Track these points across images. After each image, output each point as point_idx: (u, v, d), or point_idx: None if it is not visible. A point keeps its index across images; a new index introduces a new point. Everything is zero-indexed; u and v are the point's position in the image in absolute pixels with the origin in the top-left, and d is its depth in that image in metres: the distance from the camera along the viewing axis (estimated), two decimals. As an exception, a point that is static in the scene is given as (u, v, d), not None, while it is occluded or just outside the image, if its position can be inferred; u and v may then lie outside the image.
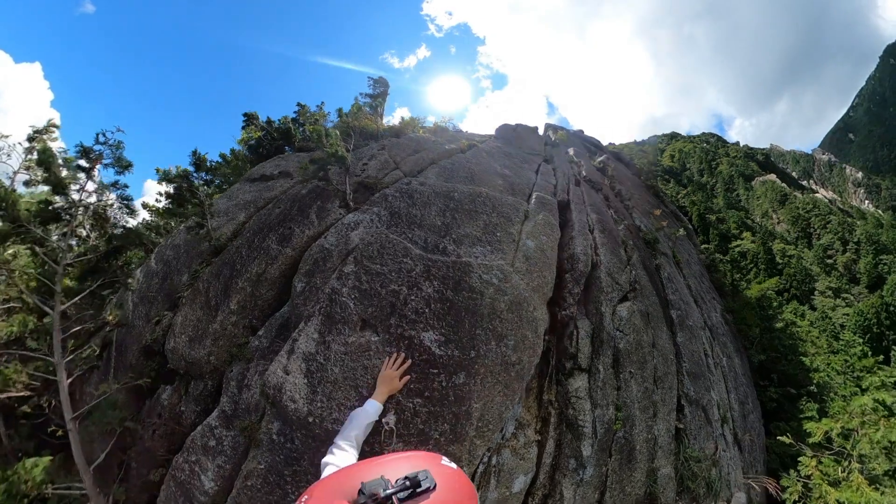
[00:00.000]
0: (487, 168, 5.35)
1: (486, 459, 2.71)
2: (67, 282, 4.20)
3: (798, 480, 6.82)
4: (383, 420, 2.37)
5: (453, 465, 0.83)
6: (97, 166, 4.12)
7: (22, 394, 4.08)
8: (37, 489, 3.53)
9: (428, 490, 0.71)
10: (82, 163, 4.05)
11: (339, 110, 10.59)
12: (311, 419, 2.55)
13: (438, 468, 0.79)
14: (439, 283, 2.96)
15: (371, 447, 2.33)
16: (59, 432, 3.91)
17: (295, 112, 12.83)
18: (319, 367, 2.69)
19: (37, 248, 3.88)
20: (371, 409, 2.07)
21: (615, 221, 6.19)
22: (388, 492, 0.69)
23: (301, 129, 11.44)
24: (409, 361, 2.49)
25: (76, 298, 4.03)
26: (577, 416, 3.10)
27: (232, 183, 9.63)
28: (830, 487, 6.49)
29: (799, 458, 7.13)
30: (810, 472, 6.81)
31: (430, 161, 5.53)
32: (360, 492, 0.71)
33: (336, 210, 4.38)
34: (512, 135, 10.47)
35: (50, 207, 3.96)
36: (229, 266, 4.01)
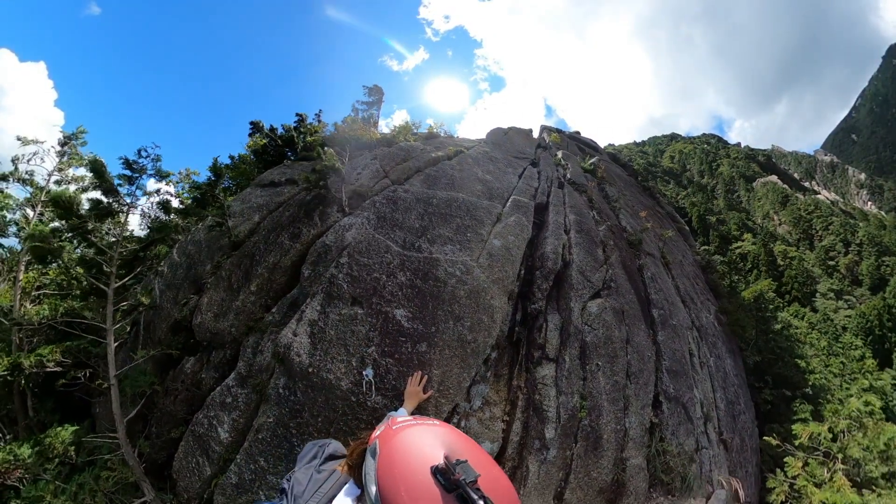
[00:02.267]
0: (469, 174, 5.67)
1: (455, 421, 3.14)
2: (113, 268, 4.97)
3: (784, 481, 6.85)
4: (364, 372, 2.96)
5: None
6: (141, 175, 4.94)
7: (55, 370, 4.76)
8: (63, 450, 4.21)
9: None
10: (127, 172, 4.88)
11: (336, 124, 11.42)
12: (311, 369, 3.14)
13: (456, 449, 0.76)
14: (411, 273, 3.62)
15: (357, 397, 2.95)
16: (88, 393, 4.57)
17: (295, 121, 13.50)
18: (320, 330, 3.38)
19: (93, 238, 4.70)
20: (401, 414, 2.39)
21: (597, 223, 6.39)
22: (470, 490, 0.65)
23: (302, 137, 12.15)
24: (427, 377, 2.84)
25: (126, 279, 4.85)
26: (542, 401, 3.36)
27: (241, 185, 10.34)
28: (815, 488, 6.52)
29: (785, 459, 7.17)
30: (797, 473, 6.84)
31: (416, 169, 5.92)
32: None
33: (334, 214, 5.11)
34: (503, 138, 10.71)
35: (101, 206, 4.77)
36: (249, 257, 4.78)
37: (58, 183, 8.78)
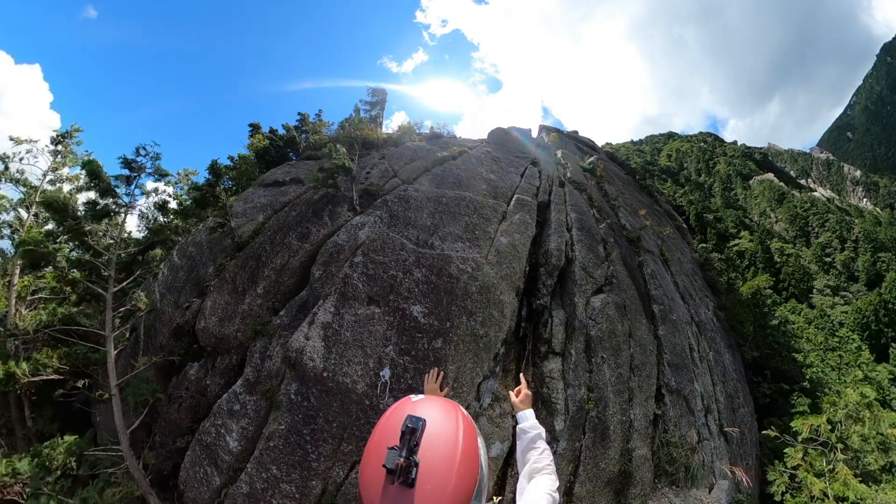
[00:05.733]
0: (474, 174, 5.80)
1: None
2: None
3: (784, 472, 6.93)
4: (381, 373, 2.97)
5: (422, 397, 0.81)
6: (140, 175, 4.71)
7: (53, 377, 4.50)
8: (64, 462, 3.99)
9: (422, 429, 0.69)
10: (126, 172, 4.67)
11: (343, 122, 11.41)
12: (325, 374, 3.14)
13: (415, 405, 0.76)
14: (427, 270, 3.68)
15: (370, 400, 2.95)
16: (90, 403, 4.31)
17: (297, 121, 13.53)
18: (334, 332, 3.38)
19: (89, 241, 4.47)
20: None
21: (597, 220, 6.52)
22: (397, 460, 0.65)
23: (304, 136, 12.14)
24: (443, 374, 2.81)
25: (124, 284, 4.63)
26: (550, 394, 3.46)
27: (241, 185, 10.25)
28: (815, 478, 6.60)
29: (785, 451, 7.25)
30: (797, 464, 6.92)
31: (424, 169, 6.05)
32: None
33: (345, 213, 5.08)
34: (504, 138, 10.82)
35: (97, 208, 4.55)
36: (254, 258, 4.70)
37: (52, 183, 8.37)
